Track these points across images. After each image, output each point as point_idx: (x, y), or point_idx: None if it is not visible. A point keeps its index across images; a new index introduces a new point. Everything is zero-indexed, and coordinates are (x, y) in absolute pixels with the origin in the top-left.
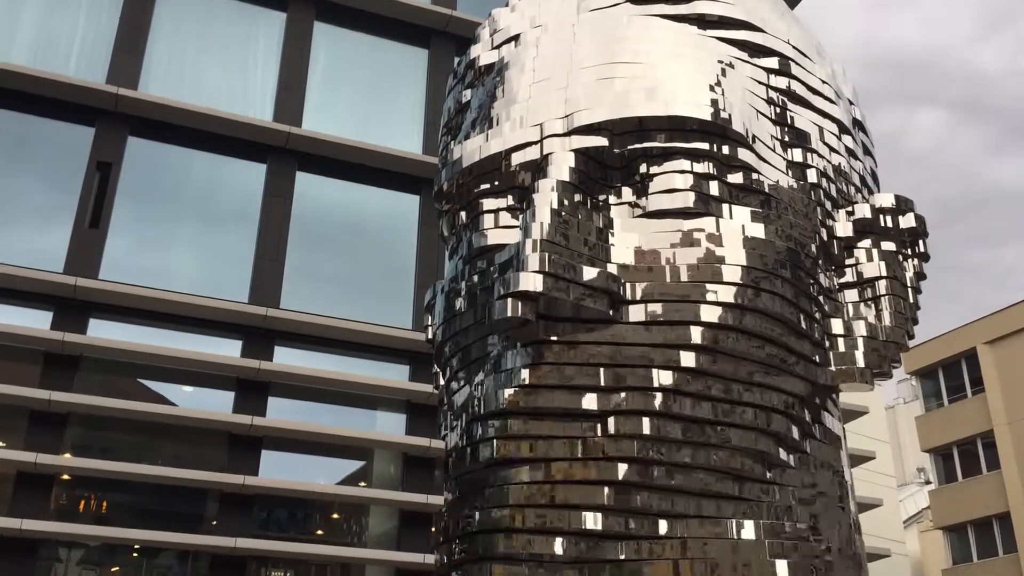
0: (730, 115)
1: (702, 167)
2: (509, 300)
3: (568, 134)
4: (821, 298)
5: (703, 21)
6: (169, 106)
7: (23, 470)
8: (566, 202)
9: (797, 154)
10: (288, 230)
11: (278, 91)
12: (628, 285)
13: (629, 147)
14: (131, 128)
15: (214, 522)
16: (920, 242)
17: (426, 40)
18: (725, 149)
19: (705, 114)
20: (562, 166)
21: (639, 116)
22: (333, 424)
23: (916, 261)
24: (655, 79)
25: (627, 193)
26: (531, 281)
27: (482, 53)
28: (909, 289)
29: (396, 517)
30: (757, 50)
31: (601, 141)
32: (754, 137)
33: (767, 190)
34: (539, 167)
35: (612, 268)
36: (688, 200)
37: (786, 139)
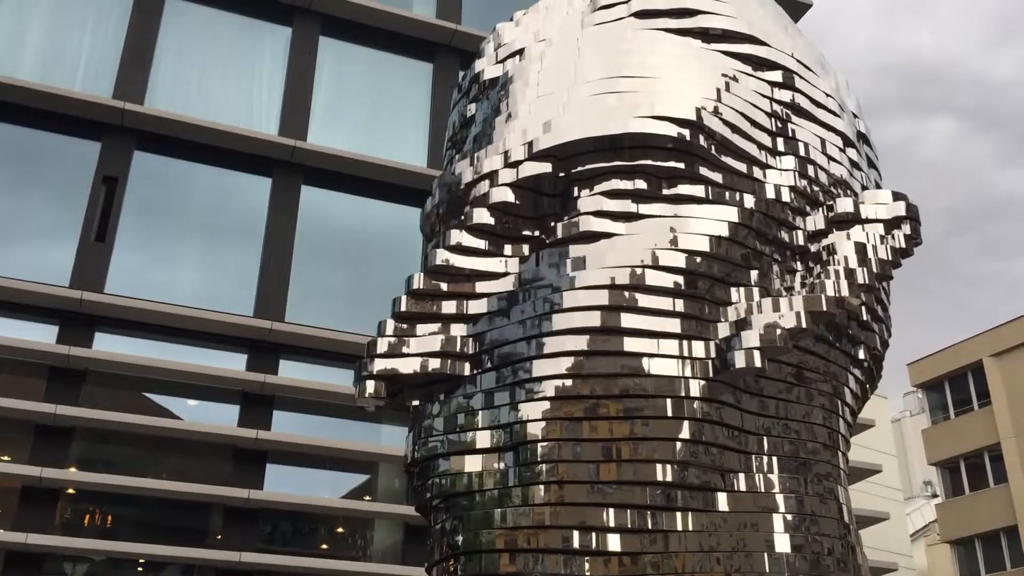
0: (702, 128)
1: (628, 184)
2: (369, 383)
3: (516, 164)
4: (738, 291)
5: (707, 35)
6: (175, 120)
7: (28, 484)
8: (456, 257)
9: (788, 162)
10: (293, 243)
11: (283, 105)
12: (476, 342)
13: (573, 170)
14: (137, 142)
15: (219, 536)
16: (906, 225)
17: (431, 54)
18: (678, 163)
19: (665, 129)
20: (458, 231)
21: (596, 136)
22: (338, 437)
23: (902, 242)
24: (647, 95)
25: (549, 222)
26: (373, 365)
27: (486, 67)
28: (863, 271)
29: (401, 531)
30: (761, 63)
31: (543, 168)
32: (729, 148)
33: (718, 198)
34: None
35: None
36: (590, 225)
37: (780, 149)
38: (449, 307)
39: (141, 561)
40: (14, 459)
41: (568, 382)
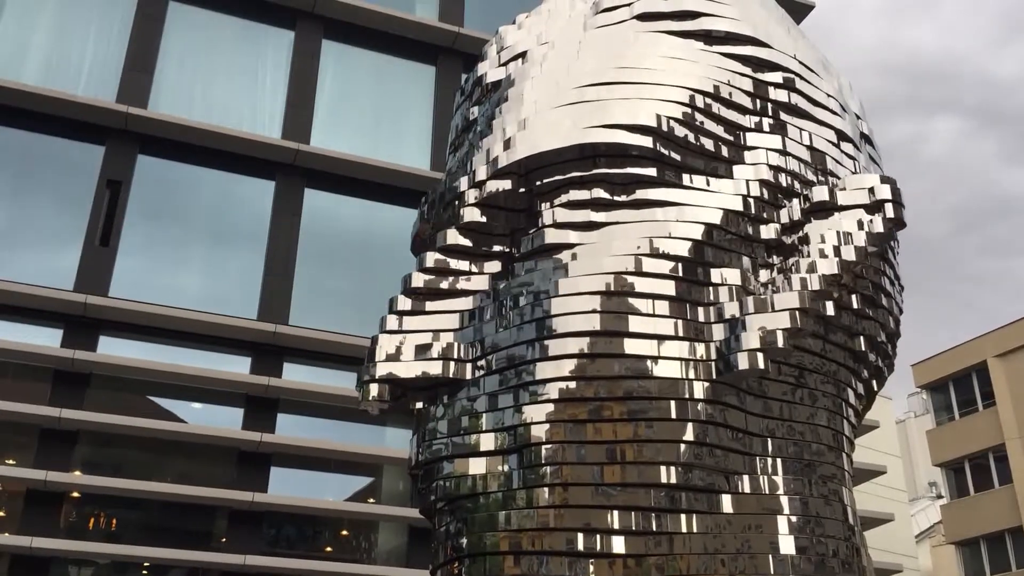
0: (658, 132)
1: (585, 194)
2: (373, 386)
3: (480, 184)
4: (710, 290)
5: (709, 37)
6: (178, 124)
7: (33, 487)
8: (429, 278)
9: (761, 157)
10: (296, 246)
11: (286, 108)
12: (471, 346)
13: (535, 184)
14: (141, 146)
15: (223, 539)
16: (887, 208)
17: (433, 57)
18: (635, 169)
19: (616, 137)
20: (440, 243)
21: (549, 151)
22: (342, 440)
23: (879, 226)
24: (606, 103)
25: (519, 236)
26: (376, 370)
27: (489, 70)
28: (836, 261)
29: (405, 533)
30: (762, 65)
31: (504, 185)
32: (694, 150)
33: (683, 200)
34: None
35: (475, 329)
36: (552, 237)
37: (754, 144)
38: (440, 319)
39: (146, 564)
40: (19, 463)
41: (572, 384)
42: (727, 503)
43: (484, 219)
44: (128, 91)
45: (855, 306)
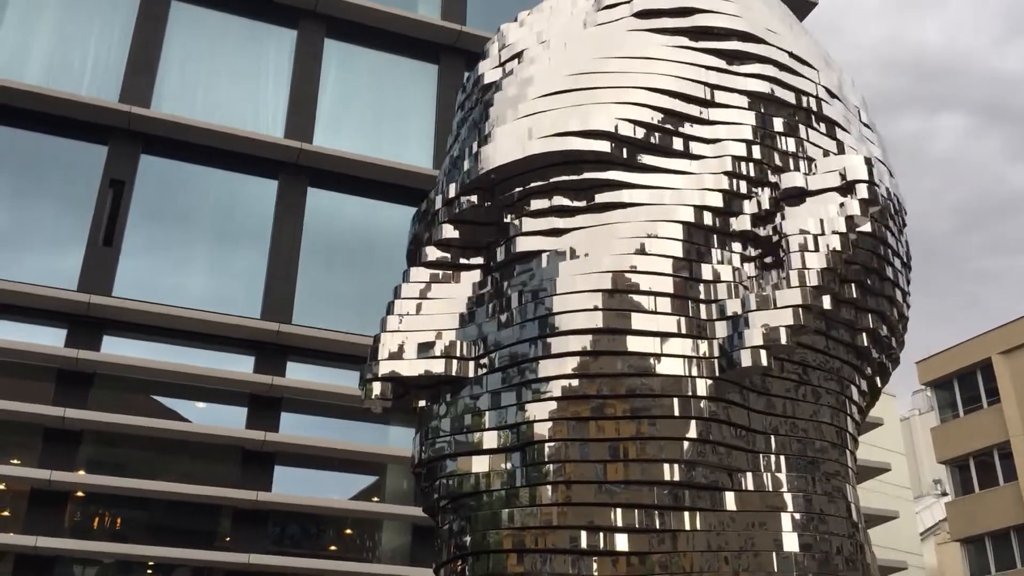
0: (613, 136)
1: (544, 202)
2: (375, 385)
3: (451, 201)
4: (698, 286)
5: (704, 33)
6: (181, 124)
7: (37, 487)
8: (422, 286)
9: (730, 148)
10: (300, 245)
11: (289, 107)
12: (474, 344)
13: (500, 196)
14: (144, 146)
15: (228, 538)
16: (858, 187)
17: (436, 56)
18: (593, 174)
19: (568, 145)
20: (420, 258)
21: (506, 164)
22: (346, 439)
23: (855, 209)
24: (565, 110)
25: (493, 250)
26: (379, 368)
27: (488, 71)
28: (822, 255)
29: (409, 532)
30: (748, 58)
31: (471, 200)
32: (654, 149)
33: (652, 200)
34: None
35: (472, 328)
36: (520, 246)
37: (722, 137)
38: (442, 319)
39: (151, 564)
40: (23, 462)
41: (574, 382)
42: (730, 500)
43: (457, 234)
44: (131, 91)
45: (848, 295)
